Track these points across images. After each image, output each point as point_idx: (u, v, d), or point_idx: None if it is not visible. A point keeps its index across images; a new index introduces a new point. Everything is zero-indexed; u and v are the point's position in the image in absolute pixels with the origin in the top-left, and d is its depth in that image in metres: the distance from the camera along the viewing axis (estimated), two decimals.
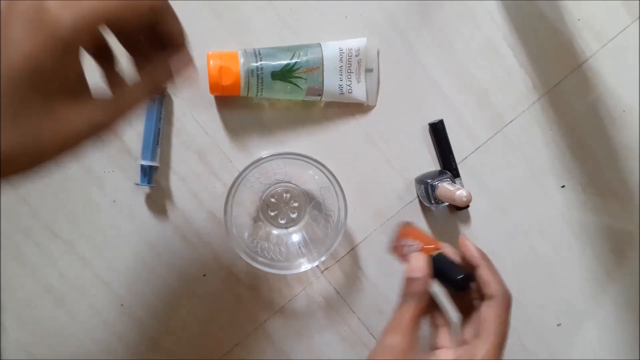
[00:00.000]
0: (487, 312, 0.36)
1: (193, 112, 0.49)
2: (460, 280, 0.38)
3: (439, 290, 0.40)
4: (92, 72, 0.28)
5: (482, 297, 0.37)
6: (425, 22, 0.51)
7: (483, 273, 0.37)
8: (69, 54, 0.25)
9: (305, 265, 0.46)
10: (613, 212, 0.55)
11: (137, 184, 0.48)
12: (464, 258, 0.39)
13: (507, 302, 0.36)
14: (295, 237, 0.49)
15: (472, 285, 0.38)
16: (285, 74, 0.46)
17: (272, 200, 0.48)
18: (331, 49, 0.47)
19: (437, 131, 0.51)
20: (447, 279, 0.39)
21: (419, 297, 0.37)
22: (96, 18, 0.25)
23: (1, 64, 0.23)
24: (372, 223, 0.52)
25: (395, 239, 0.43)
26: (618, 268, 0.56)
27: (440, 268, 0.39)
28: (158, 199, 0.49)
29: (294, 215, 0.50)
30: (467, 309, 0.39)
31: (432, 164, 0.52)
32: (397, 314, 0.37)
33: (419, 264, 0.38)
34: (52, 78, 0.25)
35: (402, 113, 0.52)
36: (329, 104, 0.50)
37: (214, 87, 0.45)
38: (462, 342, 0.37)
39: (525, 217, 0.54)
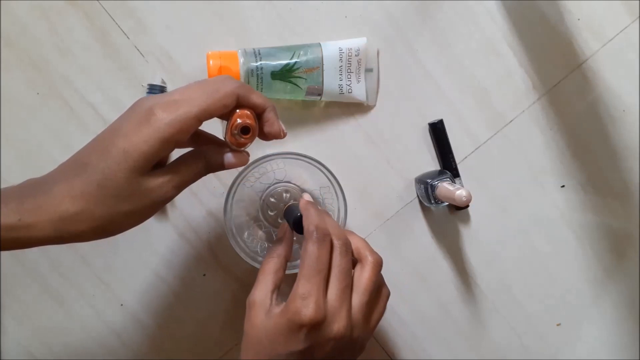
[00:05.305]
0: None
1: None
2: (296, 221, 0.39)
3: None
4: None
5: None
6: (425, 22, 0.51)
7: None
8: (166, 143, 0.33)
9: None
10: (613, 211, 0.55)
11: None
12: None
13: (312, 238, 0.36)
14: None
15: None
16: (285, 74, 0.46)
17: (272, 200, 0.48)
18: (331, 48, 0.47)
19: (437, 131, 0.51)
20: (290, 222, 0.41)
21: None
22: (189, 119, 0.33)
23: (117, 151, 0.32)
24: (372, 223, 0.52)
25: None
26: (618, 268, 0.56)
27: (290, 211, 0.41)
28: None
29: None
30: None
31: (432, 163, 0.52)
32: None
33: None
34: (151, 161, 0.33)
35: (402, 113, 0.52)
36: (328, 104, 0.50)
37: None
38: None
39: (525, 217, 0.54)
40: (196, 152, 0.37)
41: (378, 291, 0.39)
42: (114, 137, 0.33)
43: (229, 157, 0.37)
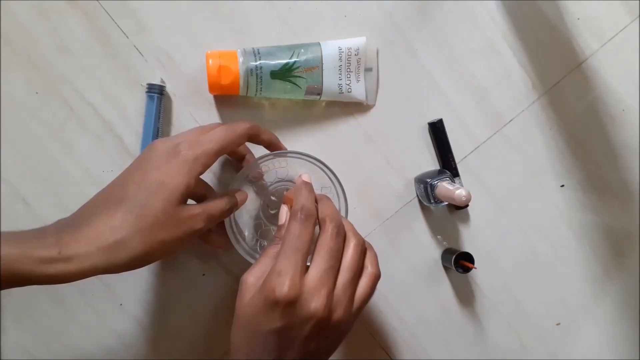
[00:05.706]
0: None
1: (192, 111, 0.49)
2: None
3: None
4: None
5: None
6: (425, 22, 0.51)
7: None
8: (192, 177, 0.37)
9: None
10: (612, 211, 0.55)
11: None
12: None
13: (296, 217, 0.37)
14: None
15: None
16: (284, 73, 0.46)
17: (273, 199, 0.48)
18: (330, 48, 0.47)
19: (437, 130, 0.51)
20: None
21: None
22: (209, 154, 0.38)
23: (153, 183, 0.36)
24: (372, 223, 0.52)
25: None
26: (617, 267, 0.56)
27: None
28: None
29: None
30: None
31: (431, 163, 0.52)
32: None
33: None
34: (183, 192, 0.37)
35: (402, 112, 0.52)
36: (328, 103, 0.50)
37: (213, 87, 0.45)
38: None
39: (524, 217, 0.54)
40: (226, 193, 0.42)
41: (361, 271, 0.38)
42: (146, 171, 0.37)
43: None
